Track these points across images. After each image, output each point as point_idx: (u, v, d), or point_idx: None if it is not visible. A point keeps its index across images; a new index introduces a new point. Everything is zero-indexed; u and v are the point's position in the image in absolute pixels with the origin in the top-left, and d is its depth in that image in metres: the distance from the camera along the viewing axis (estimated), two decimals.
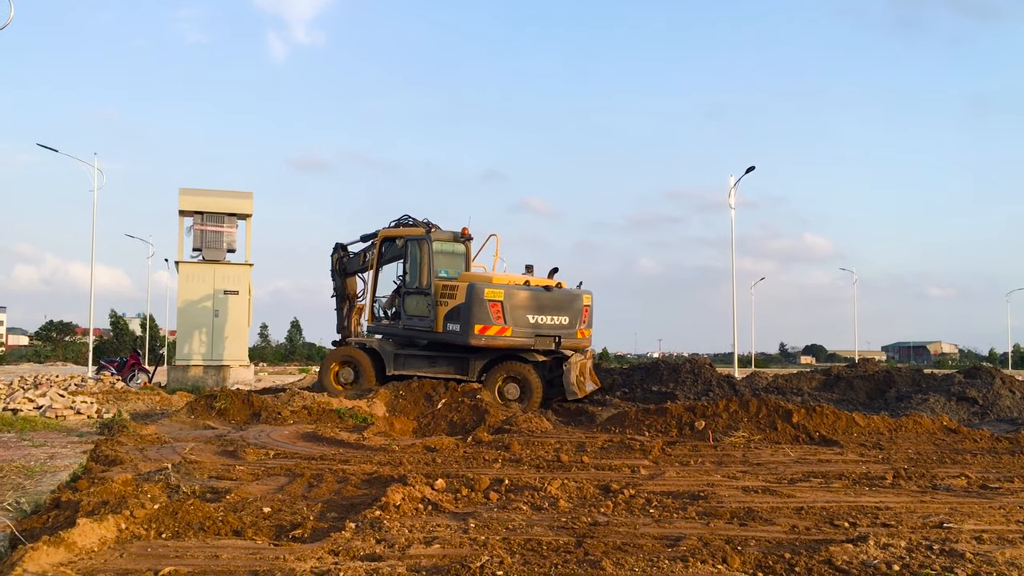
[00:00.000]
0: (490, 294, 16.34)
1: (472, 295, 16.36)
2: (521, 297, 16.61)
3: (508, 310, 16.38)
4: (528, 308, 16.61)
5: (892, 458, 10.38)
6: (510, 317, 16.39)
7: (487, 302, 16.29)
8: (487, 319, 16.28)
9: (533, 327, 16.59)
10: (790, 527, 6.30)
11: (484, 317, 16.28)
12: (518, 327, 16.48)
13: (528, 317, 16.57)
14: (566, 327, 16.99)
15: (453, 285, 16.87)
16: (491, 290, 16.40)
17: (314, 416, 14.05)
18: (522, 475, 8.64)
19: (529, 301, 16.64)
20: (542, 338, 16.74)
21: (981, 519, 6.62)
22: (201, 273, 25.27)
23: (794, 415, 12.62)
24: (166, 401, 18.36)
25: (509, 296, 16.46)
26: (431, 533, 5.94)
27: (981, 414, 16.26)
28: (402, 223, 18.77)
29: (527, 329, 16.56)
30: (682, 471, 9.24)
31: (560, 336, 16.89)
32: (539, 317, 16.69)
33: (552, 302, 16.95)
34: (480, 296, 16.28)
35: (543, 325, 16.72)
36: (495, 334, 16.39)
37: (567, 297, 17.25)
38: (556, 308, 16.94)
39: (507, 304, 16.37)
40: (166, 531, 5.89)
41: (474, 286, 16.48)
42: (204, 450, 10.62)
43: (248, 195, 26.63)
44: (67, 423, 13.99)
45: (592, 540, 5.75)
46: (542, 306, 16.79)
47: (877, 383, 19.82)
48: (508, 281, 17.01)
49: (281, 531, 6.10)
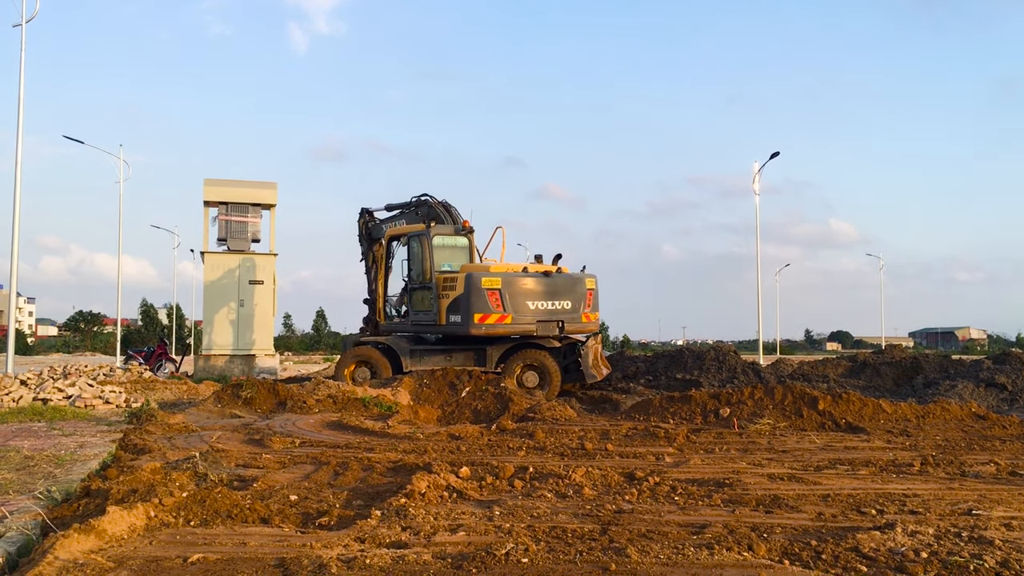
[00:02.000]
0: (487, 283, 16.43)
1: (470, 285, 16.45)
2: (520, 284, 16.66)
3: (507, 297, 16.46)
4: (528, 295, 16.65)
5: (920, 445, 10.29)
6: (510, 304, 16.46)
7: (485, 291, 16.39)
8: (486, 307, 16.36)
9: (534, 313, 16.63)
10: (816, 514, 6.26)
11: (483, 306, 16.37)
12: (519, 314, 16.55)
13: (528, 304, 16.62)
14: (569, 312, 16.96)
15: (453, 277, 16.99)
16: (488, 279, 16.47)
17: (339, 405, 14.12)
18: (546, 463, 8.64)
19: (529, 287, 16.69)
20: (545, 324, 16.75)
21: (1010, 506, 6.55)
22: (226, 263, 25.43)
23: (820, 402, 12.54)
24: (193, 390, 18.54)
25: (507, 284, 16.52)
26: (456, 520, 5.96)
27: (1010, 400, 16.08)
28: (422, 200, 18.87)
29: (528, 315, 16.61)
30: (707, 458, 9.21)
31: (564, 321, 16.86)
32: (540, 303, 16.71)
33: (553, 287, 16.94)
34: (478, 285, 16.36)
35: (545, 311, 16.73)
36: (495, 322, 16.47)
37: (569, 282, 17.18)
38: (558, 293, 16.92)
39: (506, 292, 16.45)
40: (194, 519, 5.95)
41: (471, 276, 16.57)
42: (231, 439, 10.71)
43: (272, 185, 26.75)
44: (96, 412, 14.14)
45: (617, 527, 5.75)
46: (543, 292, 16.81)
47: (904, 369, 19.66)
48: (507, 269, 17.02)
49: (308, 519, 6.14)
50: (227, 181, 26.52)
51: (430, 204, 18.76)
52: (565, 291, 17.04)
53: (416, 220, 18.95)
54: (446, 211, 18.56)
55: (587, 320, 17.33)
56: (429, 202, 18.80)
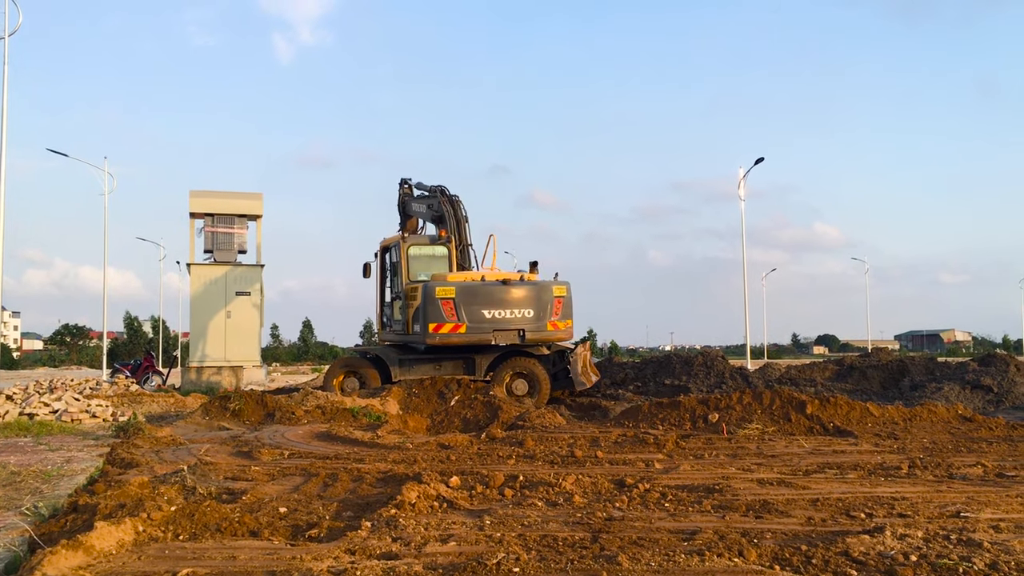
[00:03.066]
0: (441, 292, 16.48)
1: (426, 295, 16.54)
2: (475, 293, 16.62)
3: (461, 307, 16.44)
4: (484, 303, 16.57)
5: (907, 448, 10.35)
6: (464, 313, 16.43)
7: (439, 300, 16.44)
8: (440, 317, 16.39)
9: (490, 322, 16.54)
10: (806, 519, 6.28)
11: (437, 315, 16.40)
12: (473, 323, 16.49)
13: (484, 312, 16.53)
14: (531, 320, 16.72)
15: (415, 287, 17.07)
16: (443, 288, 16.53)
17: (328, 415, 14.08)
18: (536, 471, 8.64)
19: (484, 296, 16.62)
20: (502, 332, 16.63)
21: (998, 508, 6.59)
22: (213, 275, 25.34)
23: (808, 406, 12.59)
24: (180, 403, 18.44)
25: (462, 292, 16.51)
26: (447, 531, 5.95)
27: (996, 402, 16.18)
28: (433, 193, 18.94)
29: (483, 324, 16.52)
30: (696, 464, 9.23)
31: (524, 329, 16.69)
32: (497, 312, 16.61)
33: (511, 296, 16.78)
34: (432, 295, 16.43)
35: (502, 319, 16.62)
36: (449, 331, 16.49)
37: (531, 290, 16.92)
38: (517, 302, 16.75)
39: (459, 301, 16.44)
40: (183, 533, 5.91)
41: (427, 286, 16.67)
42: (219, 451, 10.66)
43: (258, 196, 26.70)
44: (83, 427, 14.05)
45: (608, 535, 5.75)
46: (500, 300, 16.69)
47: (891, 372, 19.75)
48: (464, 278, 17.00)
49: (297, 531, 6.11)
50: (213, 192, 26.46)
51: (438, 199, 18.69)
52: (526, 299, 16.82)
53: (428, 213, 19.00)
54: (452, 209, 18.39)
55: (554, 328, 17.01)
56: (438, 197, 18.72)
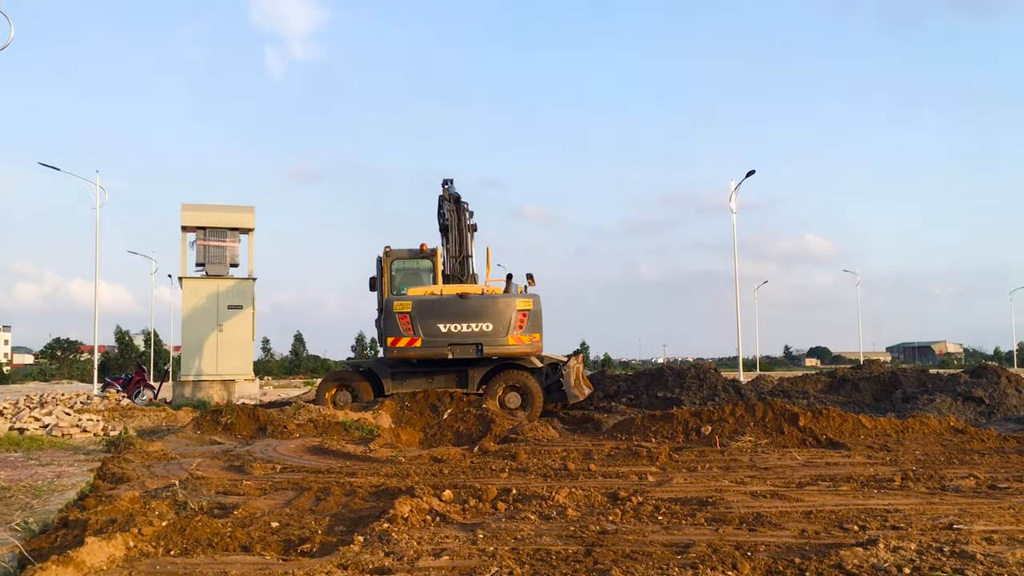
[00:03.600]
0: (398, 306, 16.62)
1: (386, 309, 16.72)
2: (431, 307, 16.69)
3: (417, 321, 16.53)
4: (440, 317, 16.60)
5: (900, 460, 10.36)
6: (419, 327, 16.51)
7: (396, 315, 16.59)
8: (397, 331, 16.54)
9: (446, 336, 16.55)
10: (799, 531, 6.28)
11: (395, 329, 16.56)
12: (428, 336, 16.55)
13: (439, 326, 16.55)
14: (489, 334, 16.59)
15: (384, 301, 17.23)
16: (400, 302, 16.68)
17: (320, 429, 14.04)
18: (529, 484, 8.62)
19: (440, 310, 16.66)
20: (460, 346, 16.61)
21: (991, 520, 6.60)
22: (204, 288, 25.27)
23: (800, 418, 12.61)
24: (172, 417, 18.37)
25: (417, 307, 16.60)
26: (440, 545, 5.93)
27: (988, 413, 16.22)
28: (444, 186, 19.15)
29: (439, 338, 16.55)
30: (690, 477, 9.22)
31: (482, 343, 16.61)
32: (453, 325, 16.60)
33: (469, 309, 16.71)
34: (391, 309, 16.60)
35: (458, 333, 16.60)
36: (405, 345, 16.60)
37: (490, 303, 16.79)
38: (475, 315, 16.66)
39: (415, 315, 16.53)
40: (174, 548, 5.88)
41: (387, 300, 16.87)
42: (211, 465, 10.62)
43: (250, 209, 26.66)
44: (73, 441, 13.98)
45: (601, 548, 5.74)
46: (456, 314, 16.66)
47: (883, 384, 19.79)
48: (425, 292, 17.11)
49: (290, 546, 6.08)
50: (204, 206, 26.42)
51: (447, 208, 18.67)
52: (485, 313, 16.70)
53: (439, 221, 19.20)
54: (458, 219, 18.31)
55: (516, 343, 16.74)
56: (449, 205, 18.70)
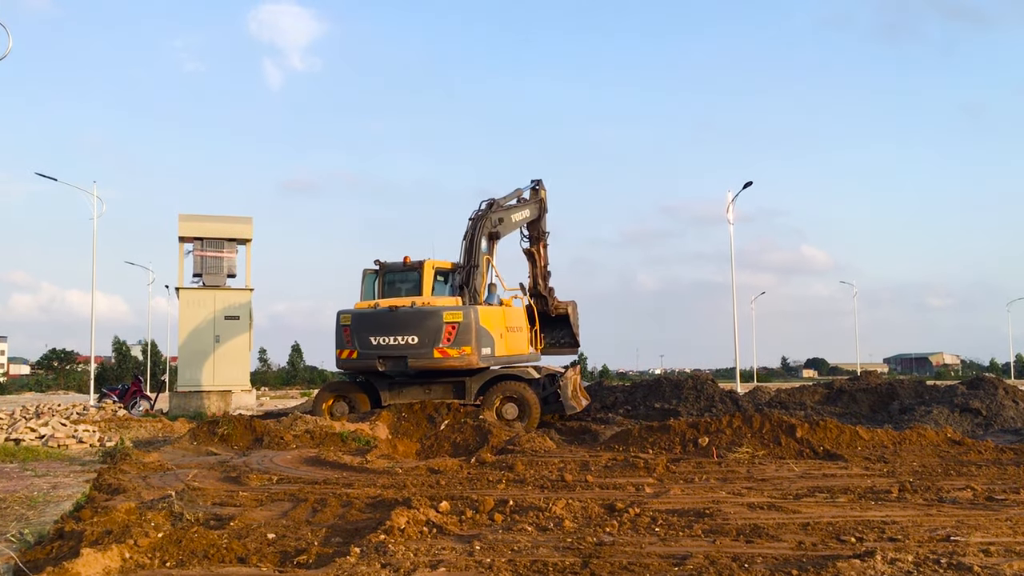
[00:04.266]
0: (343, 319, 16.99)
1: (337, 321, 17.04)
2: (365, 319, 16.85)
3: (355, 333, 16.78)
4: (372, 330, 16.71)
5: (897, 471, 10.35)
6: (356, 339, 16.74)
7: (341, 327, 16.94)
8: (342, 343, 16.92)
9: (376, 348, 16.60)
10: (796, 543, 6.27)
11: (340, 341, 16.95)
12: (363, 349, 16.72)
13: (371, 339, 16.65)
14: (415, 347, 16.40)
15: None
16: (344, 315, 17.01)
17: (317, 440, 14.01)
18: (526, 495, 8.61)
19: (372, 323, 16.77)
20: (388, 359, 16.62)
21: (988, 531, 6.60)
22: (202, 299, 25.25)
23: (798, 429, 12.60)
24: (168, 428, 18.32)
25: (355, 319, 16.88)
26: (436, 556, 5.92)
27: (985, 425, 16.22)
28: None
29: (371, 351, 16.66)
30: (687, 488, 9.21)
31: (407, 356, 16.45)
32: (383, 338, 16.60)
33: (397, 321, 16.61)
34: (338, 321, 16.97)
35: (387, 346, 16.58)
36: (345, 357, 16.93)
37: (417, 316, 16.58)
38: (402, 327, 16.53)
39: (353, 327, 16.81)
40: (170, 559, 5.87)
41: (338, 313, 17.14)
42: (207, 476, 10.59)
43: (248, 220, 26.67)
44: (69, 452, 13.95)
45: (598, 560, 5.73)
46: (385, 326, 16.64)
47: (880, 396, 19.80)
48: (368, 305, 17.25)
49: (286, 557, 6.07)
50: (202, 216, 26.42)
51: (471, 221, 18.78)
52: (412, 325, 16.51)
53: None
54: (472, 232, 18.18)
55: (443, 355, 16.27)
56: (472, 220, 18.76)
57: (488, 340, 16.64)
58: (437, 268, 17.87)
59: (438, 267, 17.91)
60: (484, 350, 16.46)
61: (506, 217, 19.20)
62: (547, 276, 21.36)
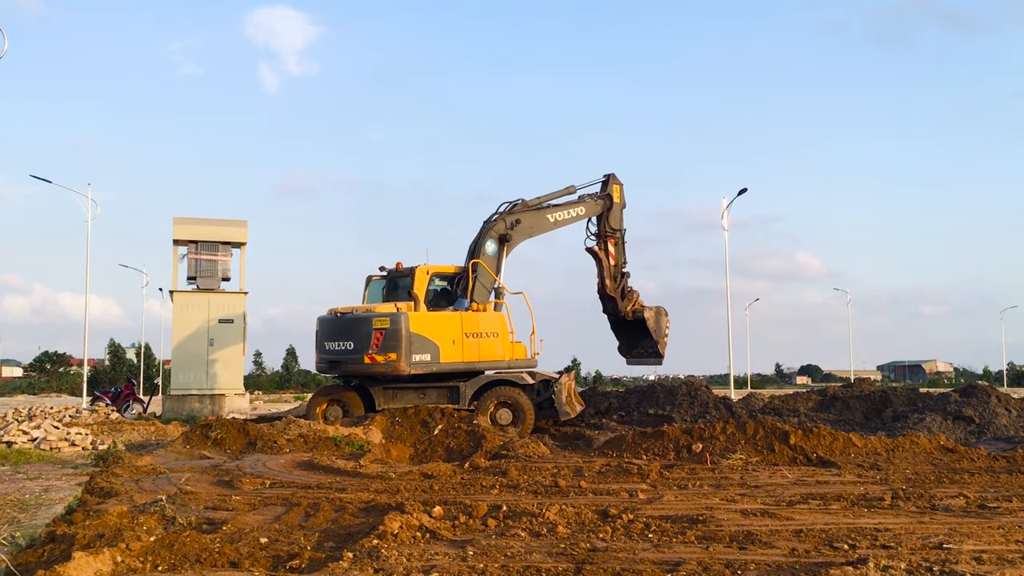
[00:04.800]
0: (316, 325, 17.83)
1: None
2: (323, 325, 17.60)
3: (319, 338, 17.56)
4: (325, 336, 17.41)
5: (890, 479, 10.37)
6: (318, 345, 17.54)
7: (315, 333, 17.74)
8: (316, 348, 17.74)
9: (328, 353, 17.26)
10: (789, 550, 6.28)
11: (316, 346, 17.75)
12: (321, 354, 17.49)
13: (326, 344, 17.35)
14: (350, 352, 16.77)
15: None
16: (318, 321, 17.89)
17: (310, 444, 13.99)
18: (520, 501, 8.61)
19: (327, 329, 17.45)
20: (332, 364, 17.30)
21: (980, 539, 6.61)
22: (196, 302, 25.21)
23: (791, 436, 12.62)
24: (161, 431, 18.28)
25: (320, 325, 17.66)
26: (429, 561, 5.91)
27: (978, 433, 16.24)
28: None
29: (324, 356, 17.40)
30: (680, 495, 9.22)
31: (344, 361, 16.89)
32: (330, 343, 17.23)
33: (337, 328, 17.16)
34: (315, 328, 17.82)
35: (331, 351, 17.20)
36: (316, 361, 17.85)
37: (352, 322, 16.92)
38: (344, 334, 17.01)
39: (318, 333, 17.63)
40: (162, 563, 5.85)
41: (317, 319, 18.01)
42: (200, 480, 10.57)
43: (243, 223, 26.64)
44: (62, 455, 13.90)
45: (591, 566, 5.73)
46: (331, 332, 17.30)
47: (873, 403, 19.82)
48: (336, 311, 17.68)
49: (278, 562, 6.06)
50: (197, 219, 26.39)
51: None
52: (348, 332, 16.86)
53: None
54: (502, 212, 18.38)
55: (371, 361, 16.48)
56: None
57: (426, 347, 16.62)
58: (436, 273, 17.86)
59: (436, 272, 17.89)
60: (417, 356, 16.48)
61: (529, 218, 18.74)
62: (617, 277, 20.25)
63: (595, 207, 19.88)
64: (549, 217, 19.02)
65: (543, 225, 19.00)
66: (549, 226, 19.07)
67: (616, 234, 20.22)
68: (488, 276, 17.78)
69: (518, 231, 18.40)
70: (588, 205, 19.72)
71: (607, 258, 20.06)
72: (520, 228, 18.44)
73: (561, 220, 19.23)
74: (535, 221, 18.81)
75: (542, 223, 18.95)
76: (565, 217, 19.28)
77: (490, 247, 18.01)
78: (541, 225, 18.95)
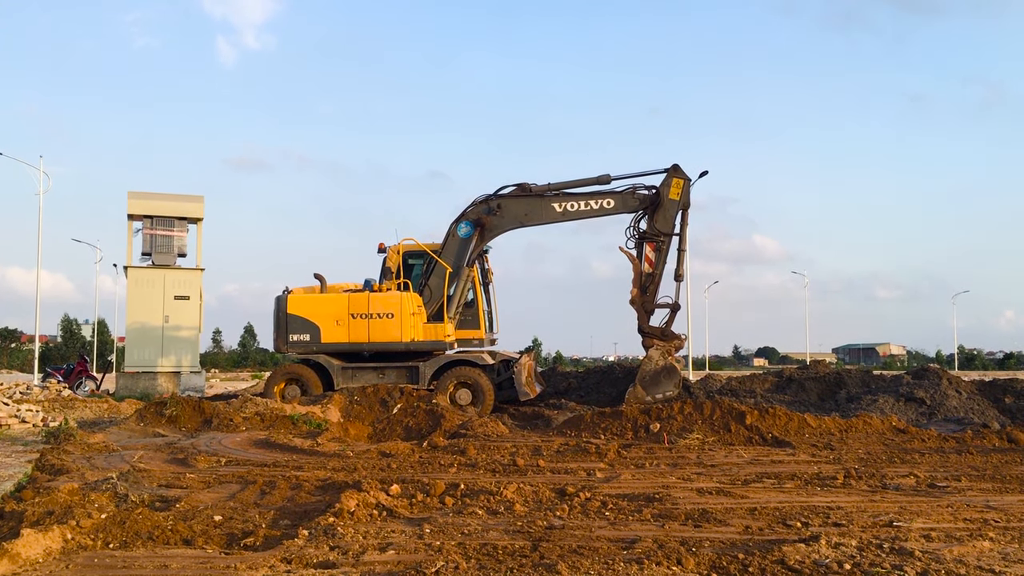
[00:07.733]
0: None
1: None
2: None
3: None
4: None
5: (843, 458, 10.53)
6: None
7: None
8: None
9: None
10: (744, 528, 6.35)
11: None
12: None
13: None
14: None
15: None
16: None
17: (267, 422, 13.86)
18: (478, 479, 8.61)
19: None
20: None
21: (929, 517, 6.74)
22: (151, 278, 24.83)
23: (747, 417, 12.76)
24: (114, 409, 18.00)
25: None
26: (386, 539, 5.89)
27: (929, 414, 16.54)
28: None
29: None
30: (637, 473, 9.28)
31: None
32: None
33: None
34: None
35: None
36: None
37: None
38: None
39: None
40: (113, 541, 5.76)
41: None
42: (154, 458, 10.43)
43: (199, 199, 26.24)
44: (11, 432, 13.64)
45: (548, 544, 5.74)
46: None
47: (828, 384, 20.08)
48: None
49: (232, 539, 5.99)
50: (152, 194, 25.94)
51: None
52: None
53: None
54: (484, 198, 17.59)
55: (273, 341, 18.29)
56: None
57: (303, 327, 17.30)
58: (407, 252, 17.71)
59: (408, 251, 17.72)
60: (295, 336, 17.32)
61: (522, 205, 17.35)
62: (647, 288, 16.95)
63: (631, 202, 17.19)
64: (556, 206, 17.22)
65: (546, 214, 17.32)
66: (555, 215, 17.27)
67: (660, 238, 16.86)
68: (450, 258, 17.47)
69: (500, 217, 17.34)
70: (620, 199, 17.31)
71: (639, 263, 17.01)
72: (504, 215, 17.31)
73: (574, 212, 17.24)
74: (532, 208, 17.34)
75: (544, 212, 17.32)
76: (582, 209, 17.24)
77: (462, 229, 17.41)
78: (542, 214, 17.33)
